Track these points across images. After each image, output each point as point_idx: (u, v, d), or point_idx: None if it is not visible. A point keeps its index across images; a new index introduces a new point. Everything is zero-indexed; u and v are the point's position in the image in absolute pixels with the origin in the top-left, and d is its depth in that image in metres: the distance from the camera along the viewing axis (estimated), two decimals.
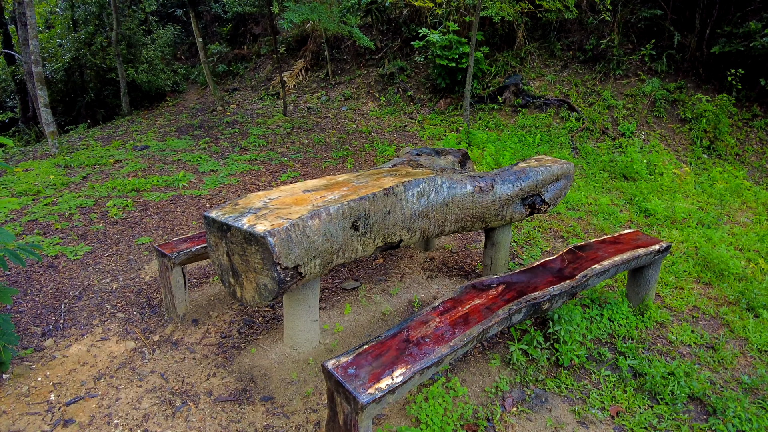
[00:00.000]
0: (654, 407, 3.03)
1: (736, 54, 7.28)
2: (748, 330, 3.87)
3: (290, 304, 3.03)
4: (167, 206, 5.48)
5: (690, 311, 4.16)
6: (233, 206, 2.71)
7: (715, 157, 7.18)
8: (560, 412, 2.94)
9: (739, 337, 3.78)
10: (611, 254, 3.56)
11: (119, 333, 3.34)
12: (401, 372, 2.19)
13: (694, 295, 4.34)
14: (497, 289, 2.98)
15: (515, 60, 9.39)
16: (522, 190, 3.70)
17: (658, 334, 3.79)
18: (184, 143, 7.80)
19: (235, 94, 11.11)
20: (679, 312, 4.12)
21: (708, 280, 4.61)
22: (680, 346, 3.66)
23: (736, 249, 5.16)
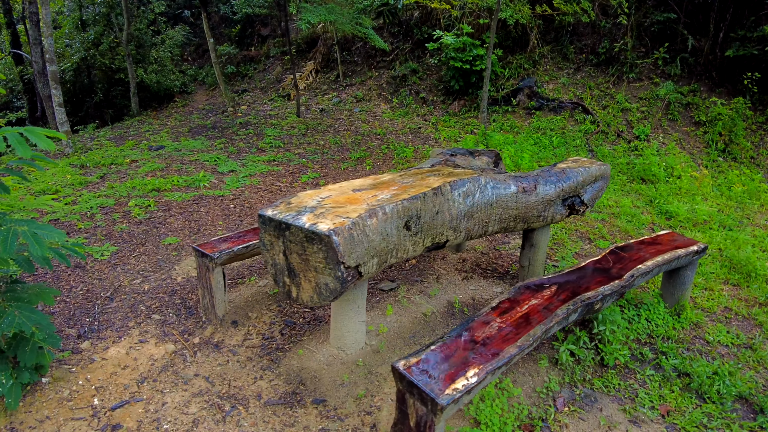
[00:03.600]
0: (702, 406, 3.03)
1: (750, 58, 7.32)
2: None
3: (339, 304, 2.99)
4: (190, 206, 5.42)
5: (722, 312, 4.15)
6: (287, 205, 2.67)
7: (731, 160, 7.21)
8: (611, 412, 2.93)
9: None
10: (653, 255, 3.55)
11: (157, 335, 3.27)
12: (475, 372, 2.16)
13: (724, 297, 4.34)
14: (550, 290, 2.96)
15: (528, 63, 9.41)
16: (563, 191, 3.68)
17: (695, 335, 3.79)
18: (200, 144, 7.74)
19: (245, 96, 11.05)
20: (711, 313, 4.12)
21: (736, 282, 4.61)
22: (718, 346, 3.66)
23: (761, 251, 5.17)
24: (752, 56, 7.16)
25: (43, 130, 2.25)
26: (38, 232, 2.30)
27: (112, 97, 10.30)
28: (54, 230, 2.41)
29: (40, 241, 2.24)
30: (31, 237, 2.26)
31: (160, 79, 10.05)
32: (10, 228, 2.26)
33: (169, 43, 10.44)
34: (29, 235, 2.26)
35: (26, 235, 2.26)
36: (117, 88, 10.27)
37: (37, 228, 2.32)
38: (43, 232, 2.33)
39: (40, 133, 2.22)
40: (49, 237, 2.36)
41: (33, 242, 2.23)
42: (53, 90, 6.52)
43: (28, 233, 2.27)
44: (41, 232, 2.31)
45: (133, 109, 9.90)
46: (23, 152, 2.13)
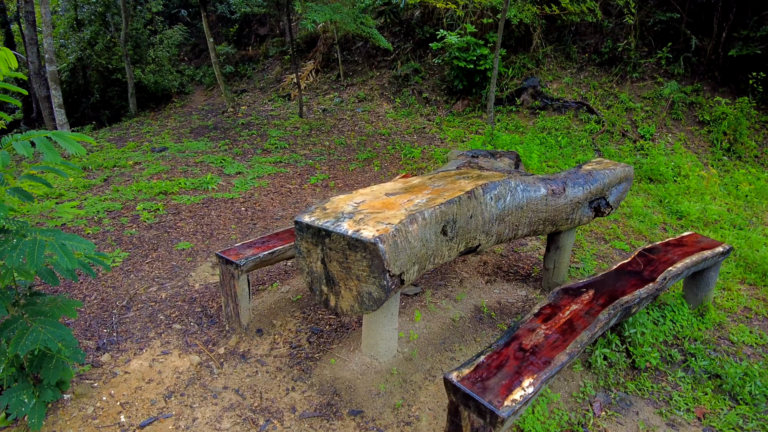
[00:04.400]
0: (735, 408, 3.02)
1: (753, 57, 7.36)
2: None
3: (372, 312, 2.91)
4: (200, 209, 5.31)
5: (742, 312, 4.15)
6: (323, 211, 2.59)
7: (735, 159, 7.24)
8: (647, 415, 2.91)
9: None
10: (680, 256, 3.53)
11: (180, 346, 3.17)
12: (530, 382, 2.11)
13: (743, 296, 4.34)
14: (588, 294, 2.91)
15: (531, 62, 9.39)
16: (590, 193, 3.64)
17: (719, 335, 3.78)
18: (203, 145, 7.61)
19: (244, 96, 10.91)
20: (732, 313, 4.11)
21: (753, 282, 4.61)
22: (743, 347, 3.65)
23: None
24: (755, 56, 7.20)
25: (72, 134, 2.15)
26: (66, 243, 2.19)
27: (109, 98, 10.10)
28: (82, 240, 2.31)
29: (68, 253, 2.14)
30: (59, 248, 2.16)
31: (158, 80, 9.87)
32: (36, 239, 2.16)
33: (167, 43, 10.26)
34: (57, 247, 2.15)
35: (53, 247, 2.15)
36: (114, 89, 10.07)
37: (65, 238, 2.22)
38: (71, 242, 2.23)
39: (69, 138, 2.12)
40: (77, 248, 2.25)
41: (62, 254, 2.12)
42: (52, 91, 6.35)
43: (56, 244, 2.16)
44: (69, 243, 2.21)
45: (131, 109, 9.71)
46: (52, 158, 2.03)
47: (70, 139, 2.09)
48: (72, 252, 2.15)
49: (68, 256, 2.09)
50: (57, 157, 2.01)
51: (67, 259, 2.08)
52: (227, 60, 11.50)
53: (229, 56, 11.59)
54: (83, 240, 2.24)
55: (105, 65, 9.59)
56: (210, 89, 11.19)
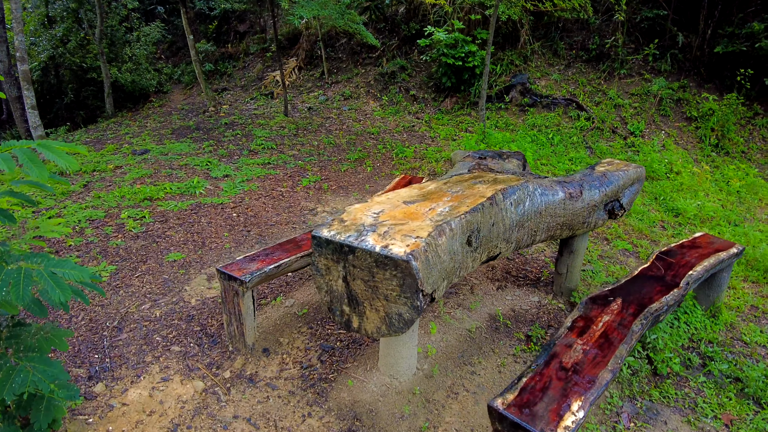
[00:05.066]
0: (761, 412, 2.96)
1: (738, 54, 7.43)
2: None
3: None
4: (189, 216, 5.03)
5: (750, 311, 4.13)
6: (341, 223, 2.39)
7: (723, 155, 7.30)
8: (676, 424, 2.84)
9: None
10: (698, 259, 3.46)
11: (181, 371, 2.93)
12: (579, 405, 1.97)
13: (748, 295, 4.32)
14: (617, 303, 2.80)
15: (519, 59, 9.32)
16: (606, 196, 3.54)
17: (732, 336, 3.74)
18: (186, 146, 7.27)
19: (225, 94, 10.54)
20: (740, 312, 4.09)
21: (755, 279, 4.61)
22: (757, 347, 3.61)
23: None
24: (741, 53, 7.26)
25: (60, 145, 1.88)
26: (56, 271, 1.90)
27: (84, 98, 9.59)
28: (74, 266, 2.03)
29: (60, 283, 1.85)
30: (48, 278, 1.87)
31: (136, 78, 9.42)
32: (21, 268, 1.87)
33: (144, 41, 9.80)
34: (46, 276, 1.86)
35: (42, 276, 1.86)
36: (89, 89, 9.56)
37: (55, 265, 1.92)
38: (63, 270, 1.94)
39: (58, 149, 1.86)
40: (69, 275, 1.98)
41: (52, 285, 1.83)
42: (25, 91, 5.94)
43: (44, 273, 1.87)
44: (60, 271, 1.92)
45: (107, 110, 9.25)
46: (39, 174, 1.76)
47: (59, 150, 1.83)
48: (64, 281, 1.89)
49: (60, 287, 1.82)
50: (45, 173, 1.75)
51: (59, 291, 1.81)
52: (206, 58, 11.10)
53: (209, 54, 11.19)
54: (76, 266, 1.96)
55: (79, 64, 9.08)
56: (189, 88, 10.77)
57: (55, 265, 1.94)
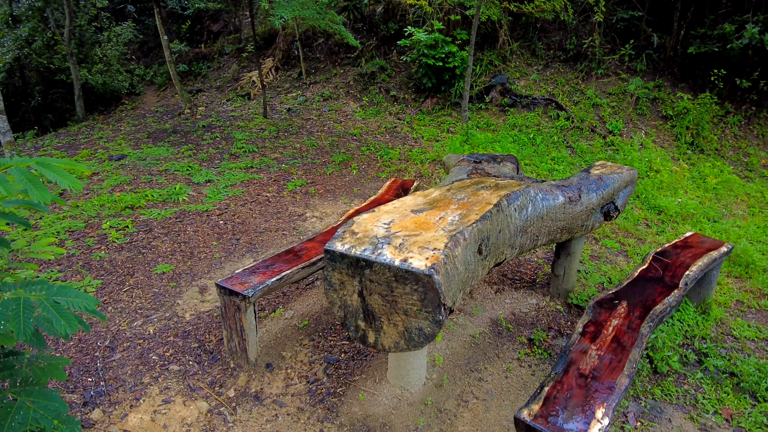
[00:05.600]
0: (757, 406, 3.05)
1: (710, 55, 7.66)
2: None
3: None
4: (174, 225, 4.85)
5: (736, 306, 4.24)
6: (353, 236, 2.33)
7: (699, 152, 7.52)
8: (680, 421, 2.89)
9: None
10: (692, 259, 3.54)
11: (182, 391, 2.81)
12: (603, 412, 1.98)
13: (733, 290, 4.44)
14: (623, 306, 2.82)
15: (498, 59, 9.38)
16: (603, 198, 3.57)
17: (722, 331, 3.83)
18: (164, 151, 7.04)
19: (201, 96, 10.26)
20: (728, 307, 4.20)
21: (738, 274, 4.74)
22: (746, 342, 3.72)
23: (748, 242, 5.38)
24: (713, 53, 7.49)
25: (60, 162, 1.75)
26: (60, 300, 1.76)
27: (52, 101, 9.15)
28: (77, 293, 1.87)
29: (65, 314, 1.70)
30: (52, 308, 1.72)
31: (107, 80, 9.05)
32: (20, 298, 1.73)
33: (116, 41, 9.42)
34: (49, 307, 1.72)
35: (44, 307, 1.72)
36: (57, 91, 9.13)
37: (57, 293, 1.77)
38: (66, 298, 1.79)
39: (58, 167, 1.71)
40: (74, 305, 1.84)
41: (57, 316, 1.68)
42: None
43: (47, 303, 1.72)
44: (63, 300, 1.77)
45: (78, 113, 8.87)
46: (41, 197, 1.62)
47: (59, 168, 1.69)
48: (69, 312, 1.75)
49: (66, 319, 1.68)
50: (47, 195, 1.61)
51: (64, 323, 1.67)
52: (180, 58, 10.78)
53: (182, 54, 10.87)
54: (79, 293, 1.81)
55: (46, 65, 8.65)
56: (162, 89, 10.44)
57: (57, 293, 1.80)
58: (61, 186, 1.66)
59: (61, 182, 1.66)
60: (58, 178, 1.66)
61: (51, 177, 1.65)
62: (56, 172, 1.66)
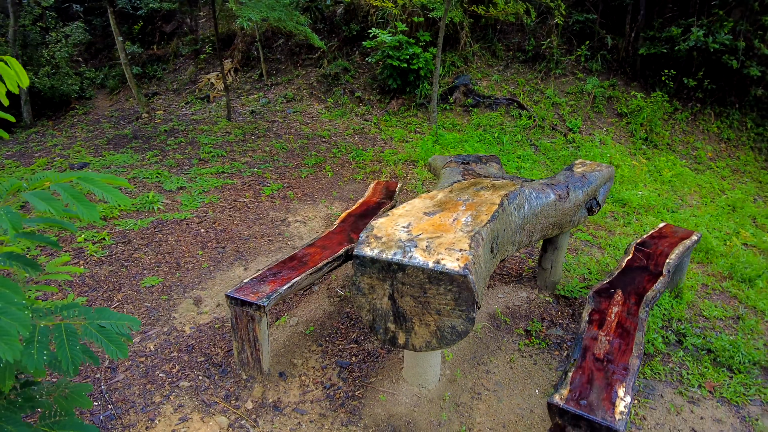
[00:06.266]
0: (734, 377, 3.32)
1: (659, 56, 8.21)
2: (751, 299, 4.37)
3: None
4: (154, 235, 4.68)
5: (702, 289, 4.59)
6: (377, 240, 2.37)
7: (652, 147, 8.04)
8: (671, 396, 3.11)
9: (749, 306, 4.24)
10: (669, 248, 3.81)
11: (198, 408, 2.74)
12: (624, 391, 2.15)
13: (697, 274, 4.80)
14: (618, 294, 3.02)
15: (460, 61, 9.61)
16: (587, 195, 3.78)
17: (695, 313, 4.14)
18: (128, 158, 6.74)
19: (157, 99, 9.87)
20: (695, 291, 4.53)
21: (700, 260, 5.12)
22: (716, 321, 4.03)
23: (705, 229, 5.83)
24: (662, 54, 8.03)
25: (103, 176, 1.68)
26: (104, 324, 1.68)
27: None
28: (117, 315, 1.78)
29: (113, 339, 1.61)
30: (98, 333, 1.62)
31: (55, 84, 8.52)
32: (61, 326, 1.63)
33: (64, 42, 8.86)
34: (95, 332, 1.62)
35: (89, 332, 1.63)
36: None
37: (98, 317, 1.69)
38: (109, 321, 1.71)
39: (101, 182, 1.64)
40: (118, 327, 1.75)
41: (106, 342, 1.59)
42: None
43: (91, 329, 1.63)
44: (107, 323, 1.68)
45: (25, 119, 8.30)
46: (90, 215, 1.56)
47: (102, 183, 1.62)
48: (116, 335, 1.67)
49: (116, 344, 1.58)
50: (95, 213, 1.55)
51: (114, 348, 1.59)
52: (133, 60, 10.31)
53: (135, 56, 10.40)
54: (120, 315, 1.72)
55: None
56: (115, 93, 9.95)
57: (97, 317, 1.72)
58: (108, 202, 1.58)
59: (108, 198, 1.60)
60: (105, 193, 1.60)
61: (97, 192, 1.59)
62: (101, 188, 1.60)
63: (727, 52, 7.30)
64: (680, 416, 2.87)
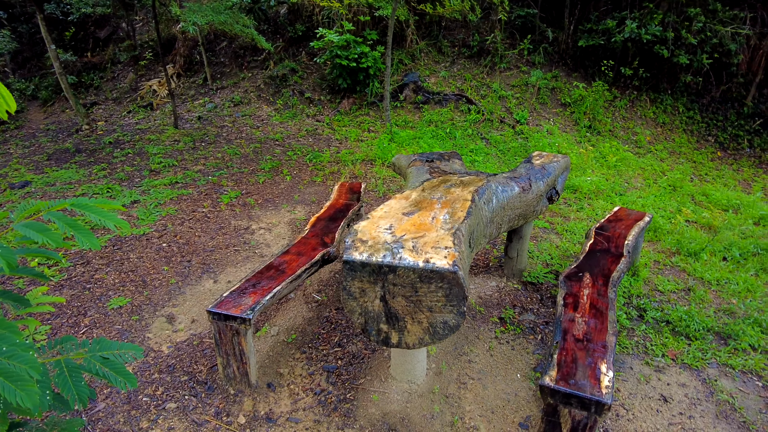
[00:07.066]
0: (692, 344, 3.60)
1: (597, 47, 8.66)
2: (698, 271, 4.74)
3: None
4: (114, 254, 4.48)
5: (654, 265, 4.92)
6: (363, 244, 2.41)
7: (596, 134, 8.49)
8: (640, 368, 3.34)
9: (697, 277, 4.60)
10: (626, 230, 4.07)
11: (189, 428, 2.68)
12: (606, 367, 2.30)
13: (649, 252, 5.14)
14: (587, 276, 3.20)
15: (408, 58, 9.74)
16: (548, 185, 3.96)
17: (651, 288, 4.44)
18: (74, 173, 6.38)
19: (97, 109, 9.36)
20: (649, 267, 4.85)
21: (650, 239, 5.49)
22: (671, 294, 4.34)
23: (651, 209, 6.25)
24: (599, 45, 8.48)
25: (98, 202, 1.62)
26: (107, 355, 1.60)
27: None
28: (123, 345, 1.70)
29: (119, 369, 1.55)
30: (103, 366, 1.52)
31: None
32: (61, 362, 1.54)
33: None
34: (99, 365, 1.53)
35: (93, 366, 1.54)
36: None
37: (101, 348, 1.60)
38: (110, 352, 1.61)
39: (97, 207, 1.59)
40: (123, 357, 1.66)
41: (112, 374, 1.52)
42: None
43: (94, 361, 1.55)
44: (110, 354, 1.61)
45: None
46: (91, 243, 1.50)
47: (98, 208, 1.57)
48: (122, 366, 1.60)
49: (123, 375, 1.52)
50: (95, 241, 1.50)
51: (122, 379, 1.52)
52: (66, 69, 9.72)
53: (68, 64, 9.80)
54: (121, 344, 1.65)
55: None
56: (50, 105, 9.34)
57: (98, 348, 1.64)
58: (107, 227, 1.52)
59: (106, 223, 1.56)
60: (102, 219, 1.56)
61: (94, 219, 1.54)
62: (98, 213, 1.55)
63: (659, 43, 7.83)
64: (649, 385, 3.09)
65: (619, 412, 2.83)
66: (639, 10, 7.99)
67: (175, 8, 6.37)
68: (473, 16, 7.90)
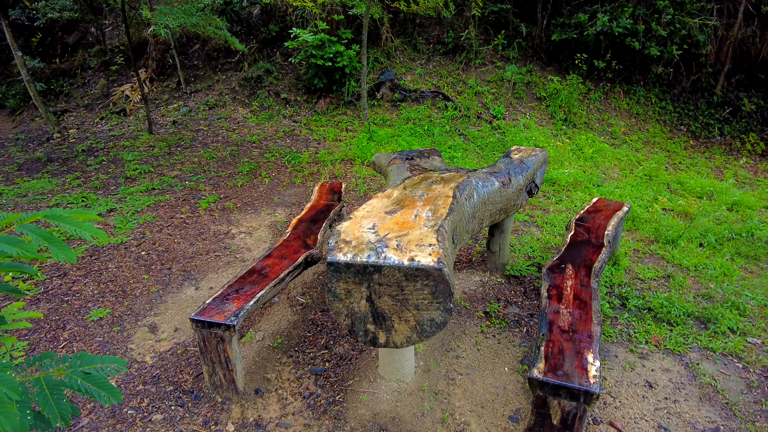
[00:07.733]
0: (673, 330, 3.68)
1: (570, 41, 8.78)
2: (676, 258, 4.85)
3: None
4: (91, 264, 4.37)
5: (634, 254, 5.02)
6: (347, 244, 2.40)
7: (572, 127, 8.61)
8: (625, 355, 3.40)
9: (675, 264, 4.71)
10: (605, 220, 4.13)
11: None
12: (592, 356, 2.33)
13: (628, 241, 5.24)
14: (569, 268, 3.24)
15: (383, 56, 9.73)
16: (527, 179, 4.00)
17: (631, 276, 4.52)
18: (47, 183, 6.21)
19: (68, 117, 9.12)
20: (629, 256, 4.94)
21: (628, 228, 5.59)
22: (651, 281, 4.43)
23: (629, 199, 6.36)
24: (572, 39, 8.60)
25: (73, 212, 1.57)
26: (89, 370, 1.55)
27: None
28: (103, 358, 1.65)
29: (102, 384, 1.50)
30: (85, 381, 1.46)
31: None
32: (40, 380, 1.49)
33: None
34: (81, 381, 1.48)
35: (74, 381, 1.49)
36: None
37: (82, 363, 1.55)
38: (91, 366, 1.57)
39: (73, 218, 1.54)
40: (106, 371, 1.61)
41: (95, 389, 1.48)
42: None
43: (75, 377, 1.49)
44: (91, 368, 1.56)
45: None
46: (67, 255, 1.46)
47: (74, 219, 1.52)
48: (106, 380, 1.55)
49: (108, 390, 1.47)
50: (71, 253, 1.46)
51: (106, 394, 1.48)
52: (34, 76, 9.44)
53: (36, 71, 9.53)
54: (102, 358, 1.61)
55: None
56: (18, 113, 9.07)
57: (79, 363, 1.59)
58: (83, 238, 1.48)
59: (82, 234, 1.51)
60: (77, 229, 1.51)
61: (69, 230, 1.50)
62: (73, 224, 1.51)
63: (630, 35, 7.97)
64: (634, 371, 3.15)
65: (606, 400, 2.87)
66: (610, 4, 8.13)
67: (146, 11, 6.24)
68: (447, 12, 7.93)
